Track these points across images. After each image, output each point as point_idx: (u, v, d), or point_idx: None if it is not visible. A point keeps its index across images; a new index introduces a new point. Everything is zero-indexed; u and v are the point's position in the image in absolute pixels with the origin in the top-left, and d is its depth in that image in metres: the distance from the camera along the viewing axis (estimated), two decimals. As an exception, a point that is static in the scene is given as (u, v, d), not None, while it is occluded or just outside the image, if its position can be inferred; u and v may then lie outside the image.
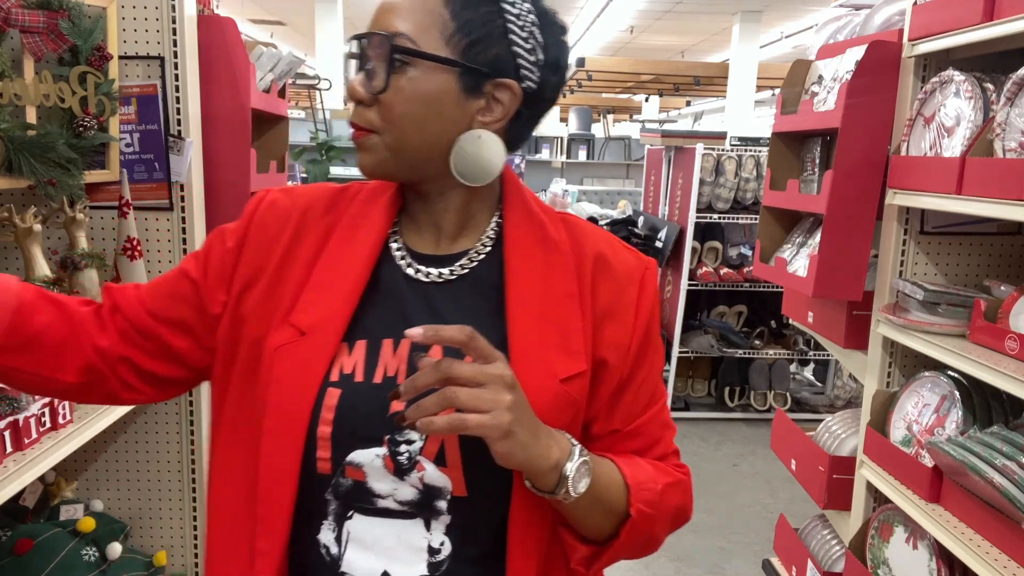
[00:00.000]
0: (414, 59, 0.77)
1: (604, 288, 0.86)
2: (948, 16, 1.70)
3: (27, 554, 1.51)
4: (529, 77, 0.81)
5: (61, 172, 1.37)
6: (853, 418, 2.32)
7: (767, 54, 13.82)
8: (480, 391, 0.69)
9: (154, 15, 1.69)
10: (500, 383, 0.69)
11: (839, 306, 2.15)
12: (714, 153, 4.44)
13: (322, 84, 6.79)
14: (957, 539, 1.56)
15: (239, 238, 0.87)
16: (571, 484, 0.74)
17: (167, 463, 1.85)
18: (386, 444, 0.79)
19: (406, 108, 0.78)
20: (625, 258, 0.89)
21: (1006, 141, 1.53)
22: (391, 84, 0.78)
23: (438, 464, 0.79)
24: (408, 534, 0.80)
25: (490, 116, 0.81)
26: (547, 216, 0.88)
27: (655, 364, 0.89)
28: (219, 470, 0.86)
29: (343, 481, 0.80)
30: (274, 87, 2.13)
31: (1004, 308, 1.62)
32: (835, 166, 1.93)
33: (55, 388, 0.85)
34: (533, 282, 0.83)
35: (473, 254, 0.85)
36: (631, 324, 0.86)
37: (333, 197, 0.89)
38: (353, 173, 8.30)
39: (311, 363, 0.79)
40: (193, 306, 0.86)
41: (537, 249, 0.85)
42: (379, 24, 0.79)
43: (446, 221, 0.86)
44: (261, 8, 13.15)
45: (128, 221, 1.65)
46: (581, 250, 0.86)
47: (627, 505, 0.81)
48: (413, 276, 0.84)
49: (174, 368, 0.88)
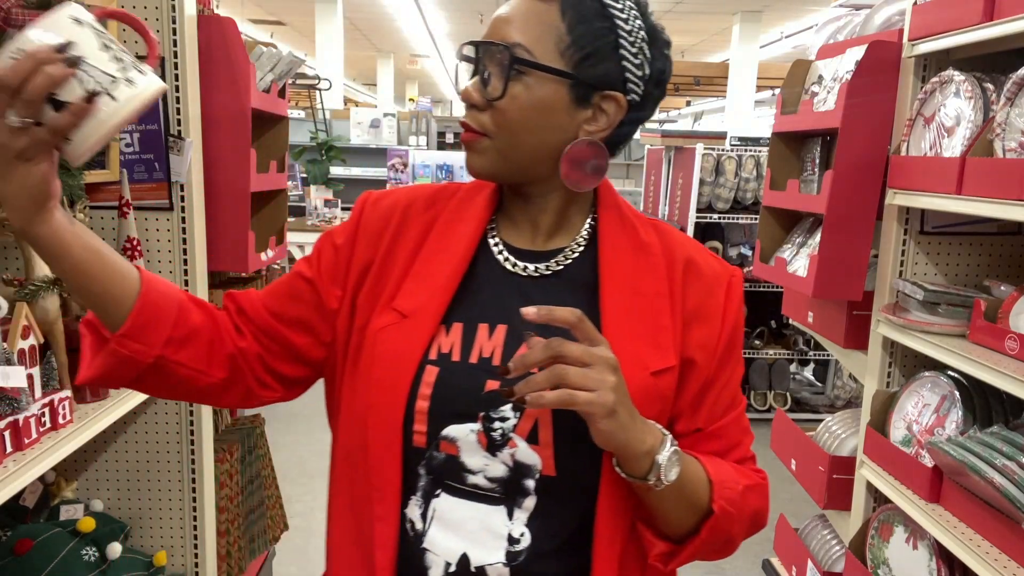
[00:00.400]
0: (531, 69, 0.82)
1: (693, 290, 0.89)
2: (948, 16, 1.70)
3: (27, 554, 1.51)
4: (634, 90, 0.86)
5: (61, 172, 1.36)
6: (853, 418, 2.32)
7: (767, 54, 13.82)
8: (587, 371, 0.72)
9: (154, 15, 1.69)
10: (605, 365, 0.73)
11: (839, 306, 2.15)
12: (714, 153, 4.44)
13: (322, 84, 6.79)
14: (957, 539, 1.56)
15: (349, 236, 0.94)
16: (663, 471, 0.77)
17: (167, 463, 1.85)
18: (480, 420, 0.83)
19: (520, 115, 0.83)
20: (712, 264, 0.93)
21: (1006, 141, 1.53)
22: (510, 91, 0.82)
23: (530, 442, 0.83)
24: (491, 519, 0.84)
25: (595, 126, 0.85)
26: (638, 220, 0.92)
27: (737, 370, 0.92)
28: (339, 452, 0.92)
29: (437, 455, 0.85)
30: (274, 87, 2.13)
31: (1004, 308, 1.62)
32: (835, 166, 1.93)
33: (204, 384, 0.89)
34: (625, 280, 0.87)
35: (568, 252, 0.90)
36: (718, 326, 0.89)
37: (433, 195, 0.96)
38: (353, 173, 8.31)
39: (411, 342, 0.85)
40: (311, 304, 0.92)
41: (629, 250, 0.89)
42: (497, 34, 0.84)
43: (544, 220, 0.91)
44: (261, 8, 13.15)
45: (128, 221, 1.65)
46: (672, 254, 0.90)
47: (710, 501, 0.83)
48: (510, 269, 0.90)
49: (297, 367, 0.94)
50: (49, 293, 1.37)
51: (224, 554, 2.03)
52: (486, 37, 0.85)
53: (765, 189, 2.41)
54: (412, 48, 16.95)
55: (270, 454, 2.44)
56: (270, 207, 2.33)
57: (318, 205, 7.29)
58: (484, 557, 0.83)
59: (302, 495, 3.84)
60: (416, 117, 8.54)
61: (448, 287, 0.87)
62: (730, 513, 0.83)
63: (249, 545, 2.23)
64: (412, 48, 16.95)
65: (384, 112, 8.58)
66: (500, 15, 0.85)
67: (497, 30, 0.84)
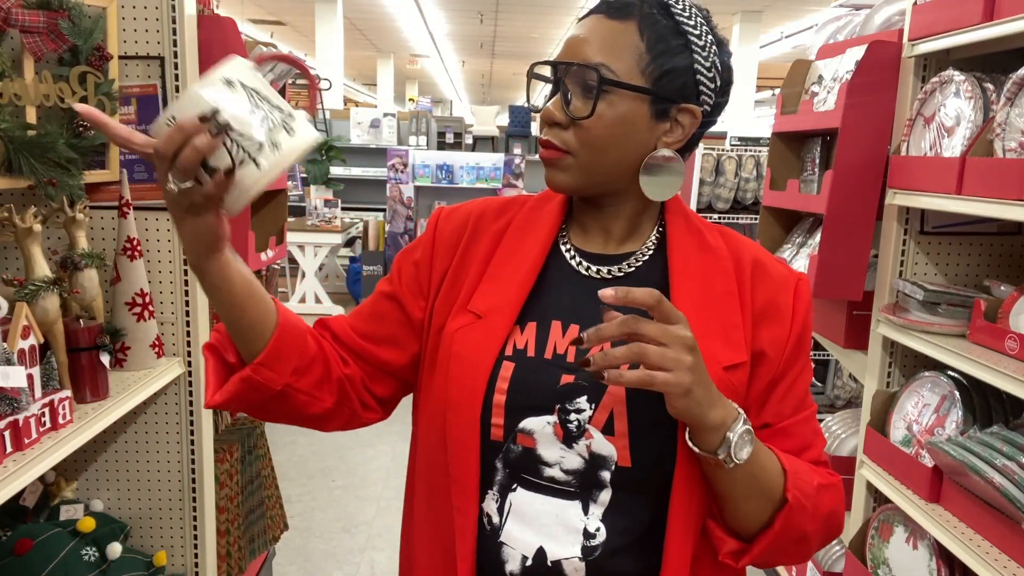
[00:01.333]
0: (615, 88, 0.85)
1: (762, 289, 0.91)
2: (948, 16, 1.70)
3: (27, 554, 1.51)
4: (707, 100, 0.89)
5: (61, 172, 1.37)
6: (853, 418, 2.32)
7: (767, 54, 13.82)
8: (665, 350, 0.73)
9: (154, 15, 1.69)
10: (683, 344, 0.74)
11: (839, 306, 2.15)
12: (714, 153, 4.44)
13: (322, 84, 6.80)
14: (957, 539, 1.56)
15: (427, 249, 0.98)
16: (734, 448, 0.78)
17: (167, 463, 1.85)
18: (556, 413, 0.86)
19: (604, 132, 0.86)
20: (779, 267, 0.95)
21: (1006, 141, 1.53)
22: (597, 110, 0.85)
23: (605, 433, 0.85)
24: (566, 514, 0.86)
25: (672, 137, 0.88)
26: (704, 226, 0.95)
27: (805, 372, 0.93)
28: (418, 450, 0.96)
29: (514, 448, 0.88)
30: (274, 87, 2.13)
31: (1004, 308, 1.62)
32: (835, 166, 1.93)
33: (317, 410, 0.93)
34: (694, 281, 0.89)
35: (639, 255, 0.93)
36: (788, 324, 0.91)
37: (504, 205, 1.00)
38: (353, 173, 8.31)
39: (488, 340, 0.88)
40: (397, 320, 0.97)
41: (697, 253, 0.91)
42: (577, 54, 0.86)
43: (616, 227, 0.94)
44: (261, 8, 13.15)
45: (128, 221, 1.65)
46: (739, 256, 0.93)
47: (783, 490, 0.82)
48: (583, 272, 0.93)
49: (391, 384, 0.99)
50: (49, 293, 1.37)
51: (224, 554, 2.03)
52: (563, 57, 0.87)
53: (765, 189, 2.42)
54: (412, 48, 16.95)
55: (270, 454, 2.44)
56: (270, 207, 2.33)
57: (318, 205, 7.29)
58: (560, 551, 0.85)
59: (302, 495, 3.84)
60: (416, 117, 8.54)
61: (522, 289, 0.90)
62: (804, 506, 0.83)
63: (249, 545, 2.23)
64: (412, 48, 16.95)
65: (384, 112, 8.59)
66: (578, 36, 0.87)
67: (576, 50, 0.86)
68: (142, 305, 1.66)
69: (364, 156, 8.38)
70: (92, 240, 1.71)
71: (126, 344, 1.66)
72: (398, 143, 8.27)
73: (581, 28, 0.88)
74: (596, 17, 0.87)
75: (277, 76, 2.11)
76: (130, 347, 1.67)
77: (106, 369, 1.51)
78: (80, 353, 1.46)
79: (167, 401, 1.82)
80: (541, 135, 0.89)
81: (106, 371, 1.51)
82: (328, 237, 7.30)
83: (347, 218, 7.59)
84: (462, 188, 7.71)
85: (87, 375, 1.48)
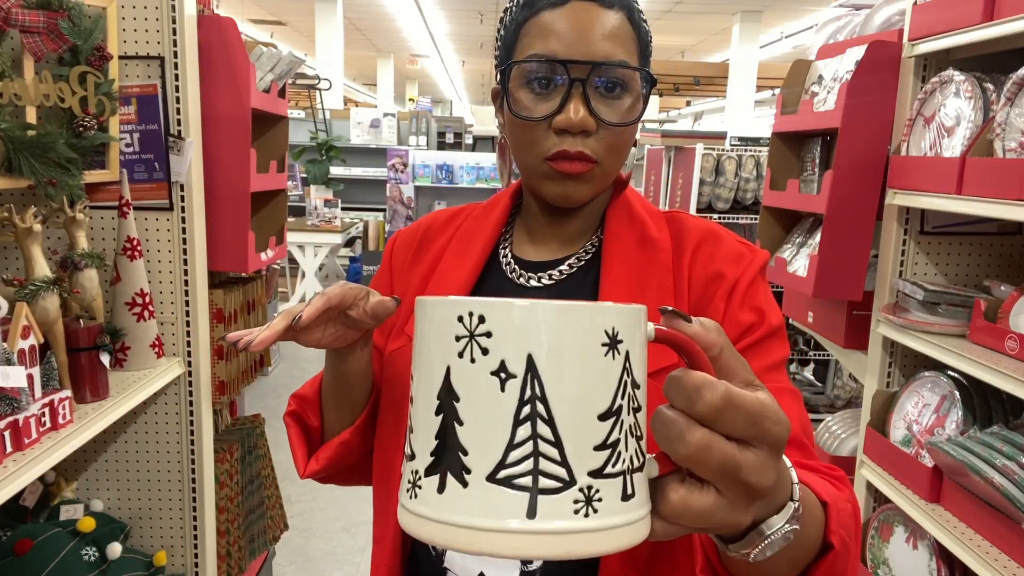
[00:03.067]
0: (633, 83, 0.78)
1: (702, 266, 0.83)
2: (948, 16, 1.70)
3: (27, 554, 1.51)
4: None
5: (61, 172, 1.37)
6: (853, 418, 2.32)
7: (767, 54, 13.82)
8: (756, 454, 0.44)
9: (154, 15, 1.69)
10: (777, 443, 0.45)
11: (839, 306, 2.15)
12: (714, 153, 4.44)
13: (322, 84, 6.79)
14: (957, 539, 1.56)
15: (384, 277, 0.96)
16: (761, 549, 0.48)
17: (167, 463, 1.85)
18: None
19: (630, 134, 0.80)
20: (734, 243, 0.85)
21: (1006, 141, 1.53)
22: (625, 110, 0.78)
23: None
24: None
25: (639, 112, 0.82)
26: (651, 216, 0.87)
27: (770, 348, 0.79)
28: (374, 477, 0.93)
29: None
30: (274, 87, 2.13)
31: (1004, 308, 1.62)
32: (835, 166, 1.93)
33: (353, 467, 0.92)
34: (627, 281, 0.82)
35: (574, 260, 0.86)
36: (727, 294, 0.81)
37: (451, 217, 0.95)
38: (353, 173, 8.31)
39: None
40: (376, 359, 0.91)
41: (635, 249, 0.84)
42: (595, 52, 0.76)
43: (571, 228, 0.88)
44: (261, 8, 13.15)
45: (128, 221, 1.65)
46: (681, 242, 0.85)
47: (825, 531, 0.56)
48: (517, 282, 0.87)
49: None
50: (49, 293, 1.37)
51: (224, 554, 2.03)
52: (573, 55, 0.76)
53: (765, 189, 2.41)
54: (412, 48, 16.95)
55: (270, 454, 2.44)
56: (270, 207, 2.33)
57: (318, 205, 7.29)
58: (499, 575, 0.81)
59: (302, 495, 3.84)
60: (416, 117, 8.53)
61: None
62: (848, 547, 0.57)
63: (249, 545, 2.23)
64: (412, 48, 16.95)
65: (384, 112, 8.58)
66: (585, 29, 0.76)
67: (592, 47, 0.76)
68: (142, 305, 1.66)
69: (364, 156, 8.38)
70: (92, 240, 1.71)
71: (126, 344, 1.66)
72: (398, 143, 8.27)
73: (583, 20, 0.76)
74: (588, 5, 0.77)
75: (278, 76, 2.11)
76: (130, 347, 1.67)
77: (106, 369, 1.51)
78: (80, 353, 1.46)
79: (167, 401, 1.82)
80: (565, 147, 0.77)
81: (106, 371, 1.51)
82: (328, 237, 7.30)
83: (347, 218, 7.58)
84: (462, 188, 7.71)
85: (87, 375, 1.48)
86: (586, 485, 0.38)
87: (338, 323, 0.76)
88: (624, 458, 0.39)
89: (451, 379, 0.39)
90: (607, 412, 0.38)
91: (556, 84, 0.77)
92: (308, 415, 0.90)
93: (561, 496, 0.37)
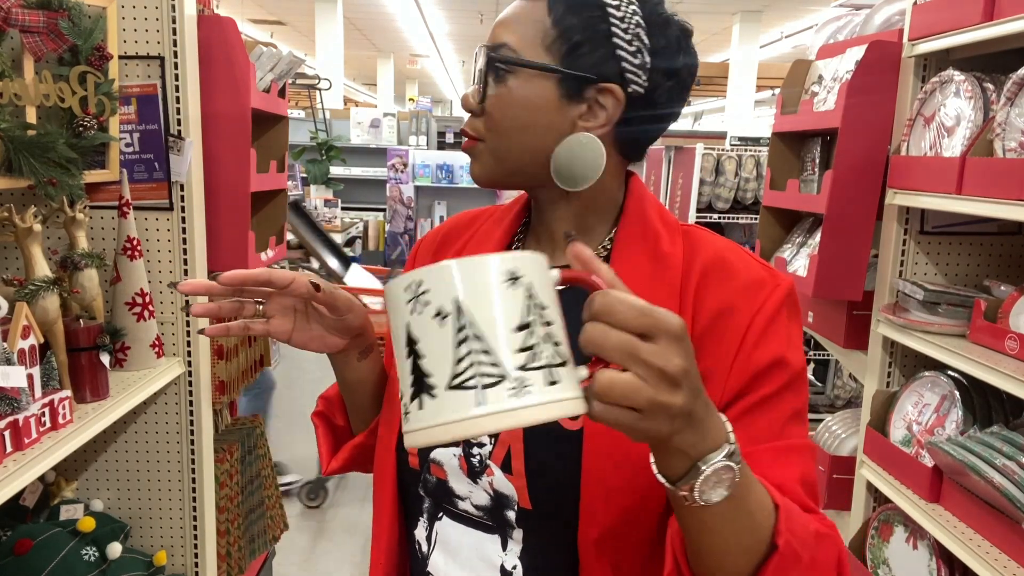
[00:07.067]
0: (514, 68, 0.78)
1: (713, 296, 0.76)
2: (948, 16, 1.70)
3: (27, 554, 1.51)
4: (635, 81, 0.78)
5: (61, 172, 1.37)
6: (853, 418, 2.32)
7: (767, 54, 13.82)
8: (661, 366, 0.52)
9: (154, 15, 1.69)
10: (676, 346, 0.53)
11: (839, 306, 2.15)
12: (714, 153, 4.44)
13: (322, 84, 6.79)
14: (957, 539, 1.56)
15: None
16: (700, 485, 0.56)
17: (167, 463, 1.85)
18: (462, 445, 0.81)
19: (505, 114, 0.79)
20: (749, 270, 0.78)
21: (1006, 141, 1.53)
22: (495, 93, 0.80)
23: (504, 471, 0.77)
24: (485, 548, 0.80)
25: (593, 121, 0.79)
26: (666, 229, 0.82)
27: (783, 395, 0.74)
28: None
29: (429, 478, 0.84)
30: (274, 87, 2.13)
31: (1004, 308, 1.62)
32: (835, 166, 1.93)
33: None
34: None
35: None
36: (740, 334, 0.74)
37: (472, 218, 0.96)
38: (353, 173, 8.30)
39: None
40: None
41: (646, 262, 0.80)
42: (491, 38, 0.81)
43: (559, 230, 0.85)
44: (261, 8, 13.15)
45: (128, 221, 1.65)
46: (691, 261, 0.79)
47: (773, 532, 0.62)
48: None
49: None
50: (49, 293, 1.37)
51: (224, 554, 2.03)
52: (487, 40, 0.82)
53: (765, 189, 2.41)
54: (412, 48, 16.95)
55: (270, 454, 2.44)
56: (270, 207, 2.33)
57: (318, 205, 7.29)
58: None
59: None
60: (416, 117, 8.53)
61: None
62: (799, 556, 0.62)
63: (249, 545, 2.23)
64: (412, 48, 16.95)
65: (384, 112, 8.58)
66: (498, 19, 0.82)
67: (492, 34, 0.81)
68: (142, 305, 1.66)
69: (364, 156, 8.38)
70: (92, 240, 1.71)
71: (126, 344, 1.66)
72: (398, 143, 8.27)
73: (505, 11, 0.82)
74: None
75: (278, 76, 2.11)
76: (130, 347, 1.67)
77: (106, 369, 1.51)
78: (80, 353, 1.46)
79: (167, 401, 1.82)
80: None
81: (106, 371, 1.51)
82: (328, 237, 7.28)
83: (347, 218, 7.59)
84: (462, 188, 7.71)
85: (87, 375, 1.47)
86: (516, 377, 0.50)
87: (313, 324, 0.83)
88: (543, 357, 0.52)
89: (410, 331, 0.53)
90: (520, 326, 0.52)
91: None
92: (335, 415, 0.96)
93: (499, 387, 0.50)
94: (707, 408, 0.56)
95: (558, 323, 0.54)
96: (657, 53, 0.79)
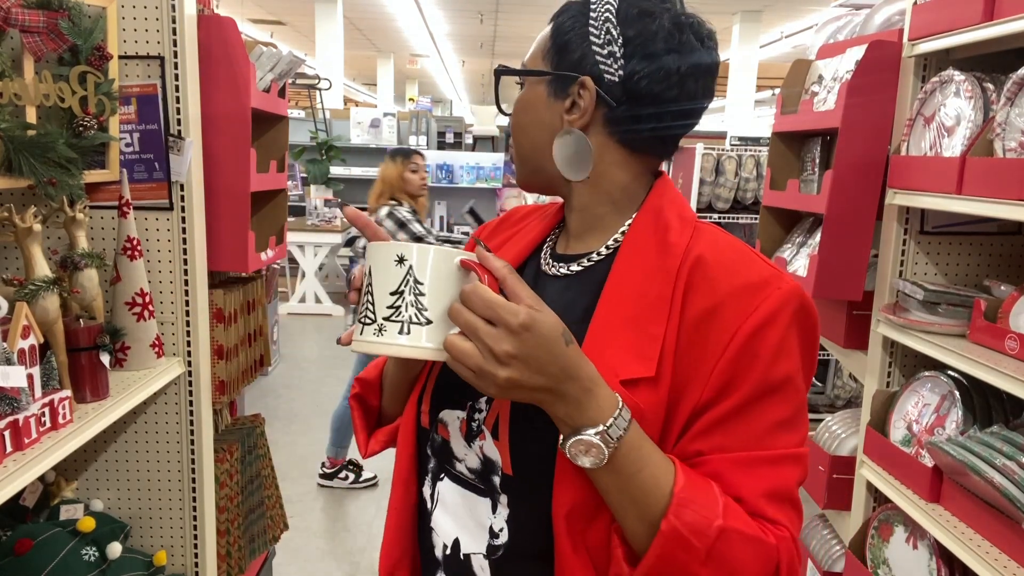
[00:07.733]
0: (523, 78, 0.89)
1: (701, 293, 0.77)
2: (948, 16, 1.70)
3: (27, 554, 1.51)
4: (606, 70, 0.81)
5: (61, 172, 1.37)
6: (853, 418, 2.32)
7: (767, 54, 13.82)
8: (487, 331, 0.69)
9: (154, 15, 1.69)
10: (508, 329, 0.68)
11: (839, 306, 2.15)
12: (714, 153, 4.44)
13: (322, 84, 6.79)
14: (957, 539, 1.56)
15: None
16: (568, 449, 0.71)
17: (167, 463, 1.85)
18: (467, 408, 0.86)
19: (514, 120, 0.91)
20: (749, 274, 0.78)
21: (1006, 141, 1.53)
22: (511, 104, 0.93)
23: (494, 437, 0.83)
24: (477, 509, 0.85)
25: (574, 114, 0.84)
26: (680, 222, 0.83)
27: (768, 401, 0.75)
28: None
29: (436, 437, 0.90)
30: (274, 87, 2.13)
31: (1004, 308, 1.62)
32: (835, 166, 1.93)
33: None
34: (633, 284, 0.80)
35: (594, 255, 0.88)
36: (727, 337, 0.75)
37: (527, 213, 1.03)
38: (353, 173, 8.31)
39: None
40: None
41: (652, 251, 0.81)
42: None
43: (572, 221, 0.92)
44: (261, 8, 13.15)
45: (128, 221, 1.65)
46: (689, 253, 0.80)
47: (662, 515, 0.70)
48: (547, 272, 0.92)
49: None
50: (49, 293, 1.37)
51: (224, 554, 2.03)
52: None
53: (765, 189, 2.41)
54: (412, 48, 16.95)
55: (270, 454, 2.44)
56: (270, 207, 2.33)
57: (318, 205, 7.30)
58: (471, 546, 0.85)
59: (302, 495, 3.84)
60: (416, 117, 8.53)
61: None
62: (689, 543, 0.68)
63: (249, 545, 2.23)
64: (412, 48, 16.95)
65: (384, 112, 8.58)
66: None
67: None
68: (142, 305, 1.66)
69: (364, 156, 8.38)
70: (92, 240, 1.71)
71: (126, 344, 1.66)
72: (398, 143, 8.27)
73: None
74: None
75: (278, 76, 2.11)
76: (130, 347, 1.67)
77: (106, 369, 1.51)
78: (80, 353, 1.46)
79: (167, 401, 1.82)
80: None
81: (106, 371, 1.51)
82: (328, 237, 7.29)
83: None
84: (462, 188, 7.71)
85: (87, 375, 1.48)
86: (379, 324, 0.72)
87: None
88: (404, 316, 0.72)
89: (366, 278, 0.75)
90: (393, 291, 0.72)
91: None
92: (369, 396, 1.01)
93: (370, 327, 0.73)
94: (586, 391, 0.70)
95: (432, 296, 0.72)
96: (630, 41, 0.80)
